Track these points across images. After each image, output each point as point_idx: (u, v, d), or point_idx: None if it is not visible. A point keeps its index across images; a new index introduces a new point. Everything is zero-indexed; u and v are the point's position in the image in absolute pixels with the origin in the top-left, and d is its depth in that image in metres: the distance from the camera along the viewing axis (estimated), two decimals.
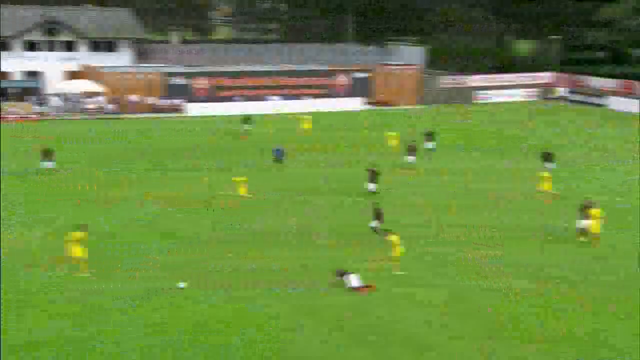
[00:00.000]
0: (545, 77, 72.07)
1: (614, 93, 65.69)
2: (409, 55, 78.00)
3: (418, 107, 67.11)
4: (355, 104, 65.91)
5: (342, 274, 23.54)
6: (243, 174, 36.34)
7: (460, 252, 26.82)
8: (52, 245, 26.80)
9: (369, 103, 66.33)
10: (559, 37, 72.35)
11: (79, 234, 24.60)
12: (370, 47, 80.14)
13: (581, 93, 67.95)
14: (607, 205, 30.43)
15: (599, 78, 69.35)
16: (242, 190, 34.35)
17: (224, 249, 27.02)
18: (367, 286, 23.33)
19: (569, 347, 19.59)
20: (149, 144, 47.29)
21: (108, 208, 32.24)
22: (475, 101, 68.99)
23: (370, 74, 67.58)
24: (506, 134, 52.66)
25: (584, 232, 27.99)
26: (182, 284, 23.35)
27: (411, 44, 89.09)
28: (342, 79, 66.85)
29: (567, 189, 35.65)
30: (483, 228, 29.71)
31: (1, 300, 22.13)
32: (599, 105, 64.99)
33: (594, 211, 27.78)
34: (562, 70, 71.75)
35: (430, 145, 43.76)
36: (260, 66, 66.91)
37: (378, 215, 28.32)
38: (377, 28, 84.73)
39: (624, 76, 68.46)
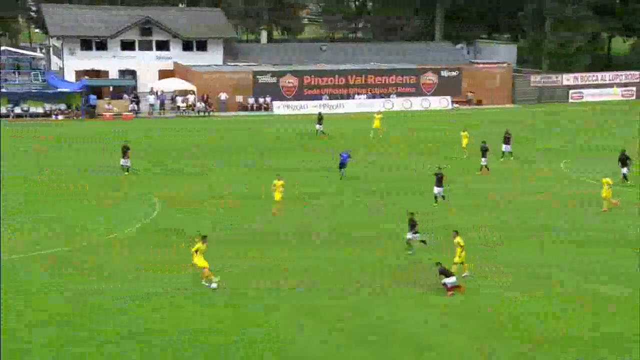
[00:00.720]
0: None
1: None
2: (500, 54, 76.16)
3: (508, 106, 65.42)
4: (443, 103, 64.88)
5: (443, 272, 23.46)
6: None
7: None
8: None
9: (458, 102, 65.15)
10: None
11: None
12: (460, 45, 78.73)
13: None
14: None
15: None
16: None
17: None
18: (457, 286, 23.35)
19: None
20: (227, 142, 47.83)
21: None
22: (570, 100, 66.64)
23: (459, 73, 66.36)
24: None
25: None
26: (214, 284, 23.45)
27: (503, 41, 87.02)
28: (430, 78, 65.93)
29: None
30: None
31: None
32: None
33: None
34: None
35: (506, 148, 42.31)
36: (348, 65, 66.77)
37: (412, 226, 26.77)
38: (468, 26, 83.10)
39: None
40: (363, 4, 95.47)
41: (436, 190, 32.51)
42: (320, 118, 50.65)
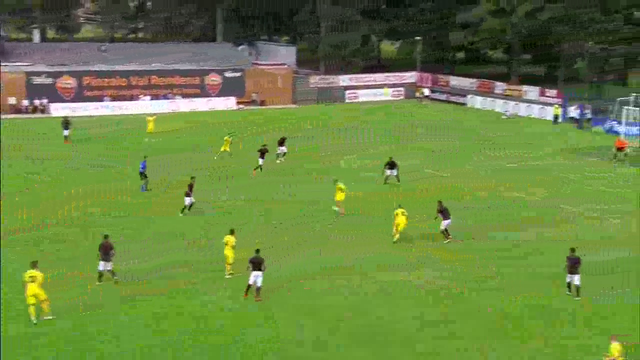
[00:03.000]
0: (410, 76, 74.16)
1: (473, 91, 68.61)
2: (281, 55, 77.92)
3: (290, 106, 67.18)
4: (228, 104, 65.02)
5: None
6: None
7: None
8: None
9: (242, 103, 65.65)
10: (423, 37, 74.61)
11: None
12: (242, 47, 79.37)
13: (443, 92, 70.46)
14: None
15: (459, 77, 72.32)
16: None
17: None
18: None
19: None
20: None
21: None
22: (346, 100, 69.90)
23: (243, 74, 66.91)
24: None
25: None
26: None
27: (283, 43, 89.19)
28: (214, 79, 65.74)
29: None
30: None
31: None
32: (460, 103, 67.59)
33: None
34: (426, 70, 74.13)
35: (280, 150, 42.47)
36: (130, 65, 64.44)
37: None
38: (249, 27, 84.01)
39: (484, 76, 71.82)
40: (142, 4, 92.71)
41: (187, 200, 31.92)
42: (67, 122, 47.66)
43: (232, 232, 25.52)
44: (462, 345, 20.22)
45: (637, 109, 49.64)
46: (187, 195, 31.84)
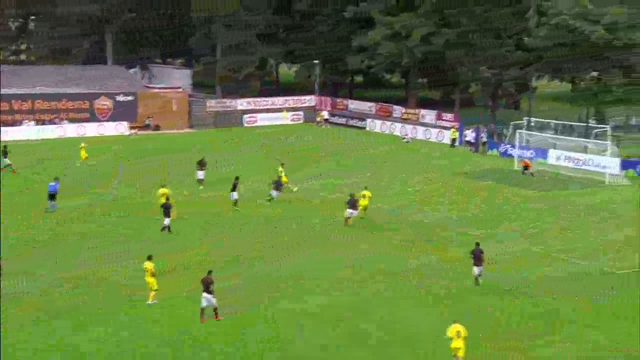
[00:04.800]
0: (309, 100, 75.45)
1: (372, 115, 70.60)
2: (175, 78, 77.49)
3: (187, 131, 66.81)
4: (119, 129, 63.96)
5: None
6: None
7: None
8: None
9: (135, 128, 64.74)
10: (321, 61, 76.18)
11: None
12: (134, 70, 78.38)
13: (342, 116, 72.11)
14: None
15: (358, 101, 74.27)
16: None
17: None
18: None
19: None
20: None
21: None
22: (245, 125, 70.21)
23: (135, 97, 66.07)
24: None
25: None
26: None
27: (177, 66, 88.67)
28: (104, 103, 64.57)
29: None
30: None
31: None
32: (360, 127, 69.36)
33: None
34: (325, 94, 75.64)
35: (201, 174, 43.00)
36: (12, 89, 62.30)
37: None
38: (141, 49, 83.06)
39: (382, 99, 74.08)
40: (24, 24, 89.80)
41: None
42: (5, 151, 46.27)
43: (149, 258, 25.12)
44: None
45: (530, 132, 52.68)
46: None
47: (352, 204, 34.01)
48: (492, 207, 39.47)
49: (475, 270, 26.32)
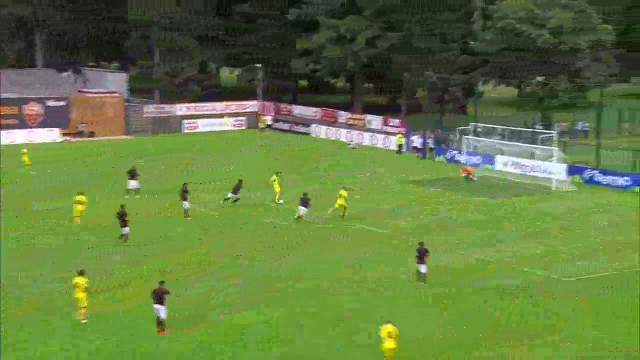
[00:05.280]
0: (252, 105, 74.05)
1: (317, 121, 69.63)
2: (111, 82, 75.12)
3: (123, 138, 64.71)
4: (51, 136, 61.45)
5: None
6: None
7: None
8: None
9: (68, 135, 62.30)
10: (264, 65, 74.94)
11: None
12: (67, 74, 75.70)
13: (286, 122, 70.91)
14: None
15: (303, 106, 73.21)
16: None
17: None
18: None
19: None
20: None
21: None
22: (185, 131, 68.41)
23: (68, 103, 63.60)
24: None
25: None
26: None
27: (113, 70, 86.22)
28: (34, 109, 61.94)
29: None
30: None
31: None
32: (304, 133, 68.25)
33: None
34: (268, 99, 74.37)
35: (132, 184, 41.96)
36: None
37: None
38: (74, 53, 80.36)
39: (328, 105, 73.18)
40: None
41: None
42: None
43: (81, 274, 24.09)
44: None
45: (477, 138, 52.39)
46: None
47: (305, 202, 36.04)
48: (439, 215, 38.83)
49: (421, 268, 27.84)
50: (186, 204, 37.18)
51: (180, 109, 70.46)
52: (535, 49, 63.59)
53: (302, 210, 35.99)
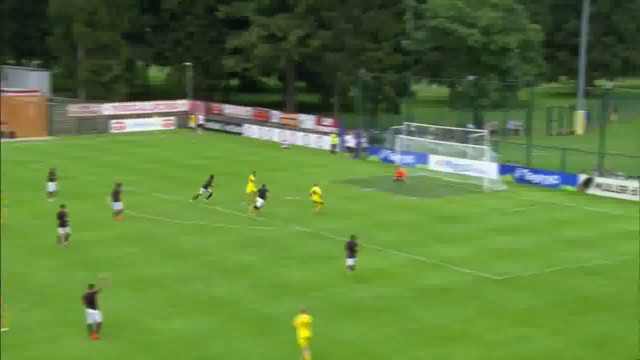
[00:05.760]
0: (182, 104, 73.03)
1: (249, 120, 69.16)
2: (32, 81, 72.91)
3: (45, 138, 62.86)
4: None
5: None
6: None
7: None
8: None
9: None
10: (194, 63, 74.02)
11: None
12: None
13: (217, 121, 70.19)
14: None
15: (234, 106, 72.61)
16: None
17: None
18: None
19: None
20: None
21: None
22: (112, 131, 66.92)
23: None
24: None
25: None
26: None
27: (34, 68, 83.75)
28: None
29: None
30: None
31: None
32: (236, 133, 67.68)
33: None
34: (198, 98, 73.47)
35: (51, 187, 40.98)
36: None
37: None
38: None
39: (259, 104, 72.76)
40: None
41: None
42: None
43: None
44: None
45: (410, 137, 52.90)
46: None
47: (262, 193, 37.98)
48: (370, 215, 39.01)
49: (349, 261, 28.87)
50: (117, 205, 36.57)
51: (107, 109, 68.97)
52: (466, 48, 64.69)
53: (259, 201, 37.77)
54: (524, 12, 67.22)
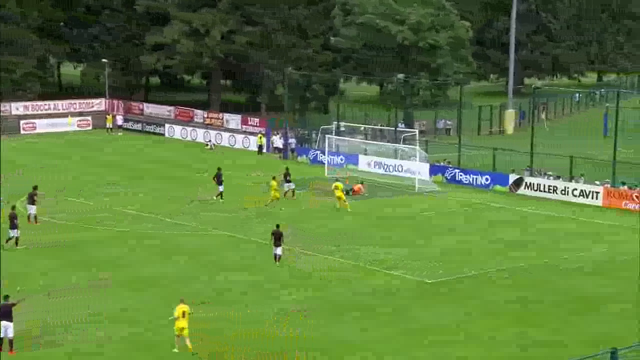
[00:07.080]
0: (99, 103, 71.43)
1: (171, 120, 68.16)
2: None
3: None
4: None
5: None
6: None
7: None
8: None
9: None
10: (111, 60, 72.50)
11: None
12: None
13: (138, 121, 68.92)
14: None
15: (155, 105, 71.44)
16: None
17: None
18: None
19: None
20: None
21: None
22: (22, 132, 64.90)
23: None
24: None
25: None
26: None
27: None
28: None
29: None
30: None
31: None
32: (158, 133, 66.58)
33: None
34: (117, 97, 71.99)
35: None
36: None
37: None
38: None
39: (182, 103, 71.79)
40: None
41: None
42: None
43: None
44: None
45: (340, 137, 53.05)
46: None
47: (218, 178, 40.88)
48: (307, 219, 38.94)
49: (277, 250, 30.79)
50: (32, 208, 36.06)
51: (17, 108, 66.93)
52: (396, 45, 65.38)
53: (220, 187, 41.17)
54: (454, 10, 68.40)
